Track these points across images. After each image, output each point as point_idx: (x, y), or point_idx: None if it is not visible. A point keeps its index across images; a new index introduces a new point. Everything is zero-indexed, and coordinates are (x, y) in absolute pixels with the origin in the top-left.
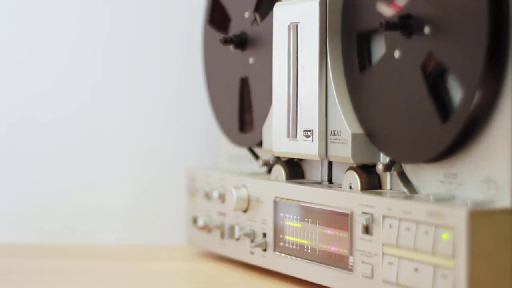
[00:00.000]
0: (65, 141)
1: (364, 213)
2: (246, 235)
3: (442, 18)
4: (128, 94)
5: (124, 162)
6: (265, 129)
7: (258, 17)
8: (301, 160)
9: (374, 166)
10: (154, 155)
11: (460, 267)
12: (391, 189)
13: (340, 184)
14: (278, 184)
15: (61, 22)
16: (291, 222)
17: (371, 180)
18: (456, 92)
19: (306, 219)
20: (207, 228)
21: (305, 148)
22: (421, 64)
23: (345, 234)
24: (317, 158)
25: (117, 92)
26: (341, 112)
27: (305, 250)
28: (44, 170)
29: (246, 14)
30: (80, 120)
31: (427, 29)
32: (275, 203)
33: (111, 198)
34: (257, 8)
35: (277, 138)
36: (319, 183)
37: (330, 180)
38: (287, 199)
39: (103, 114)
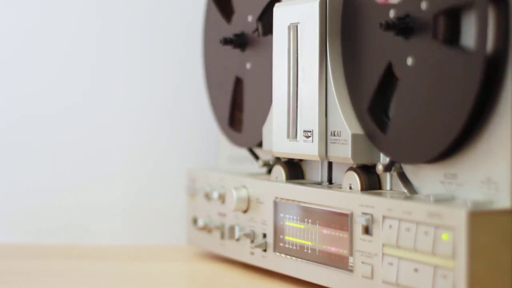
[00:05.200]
0: (64, 141)
1: (364, 213)
2: (246, 235)
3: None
4: (127, 94)
5: (124, 162)
6: (265, 129)
7: (260, 28)
8: (301, 160)
9: (374, 166)
10: (154, 155)
11: (460, 267)
12: (391, 189)
13: (340, 185)
14: (278, 184)
15: (58, 19)
16: (291, 223)
17: (371, 181)
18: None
19: (306, 220)
20: (207, 229)
21: (305, 149)
22: (432, 35)
23: (345, 235)
24: (317, 158)
25: (116, 92)
26: (341, 113)
27: (305, 250)
28: (43, 170)
29: (250, 18)
30: (78, 120)
31: (423, 5)
32: (275, 203)
33: (111, 198)
34: (261, 18)
35: (277, 138)
36: (319, 184)
37: (330, 181)
38: (287, 200)
39: (102, 114)
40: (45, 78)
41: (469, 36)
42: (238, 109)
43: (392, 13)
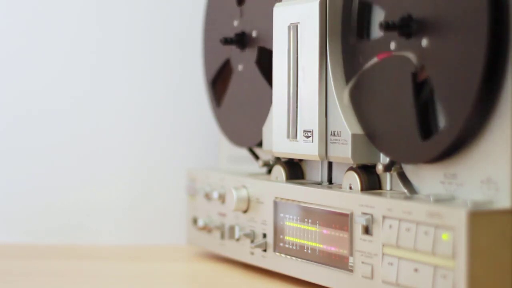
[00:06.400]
0: (64, 141)
1: (364, 213)
2: (246, 235)
3: (441, 36)
4: (127, 94)
5: (124, 162)
6: (265, 129)
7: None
8: (301, 160)
9: (374, 166)
10: (154, 155)
11: (460, 267)
12: (391, 189)
13: (340, 185)
14: (278, 184)
15: (58, 19)
16: (291, 223)
17: (371, 181)
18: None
19: (306, 220)
20: (207, 229)
21: (305, 149)
22: (412, 73)
23: (345, 235)
24: (317, 158)
25: (116, 92)
26: (341, 113)
27: (305, 250)
28: (43, 170)
29: (235, 23)
30: (78, 120)
31: (424, 42)
32: (275, 203)
33: (111, 198)
34: (240, 2)
35: (277, 138)
36: (319, 184)
37: (330, 181)
38: (287, 200)
39: (102, 114)
40: (45, 78)
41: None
42: (222, 82)
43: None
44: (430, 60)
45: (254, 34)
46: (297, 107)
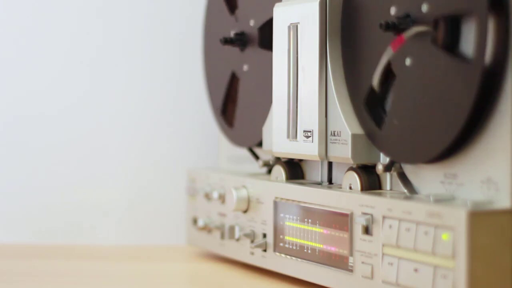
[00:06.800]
0: (64, 141)
1: (364, 213)
2: (246, 235)
3: None
4: (127, 93)
5: (124, 162)
6: (265, 129)
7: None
8: (301, 160)
9: (374, 166)
10: (154, 155)
11: (460, 267)
12: (391, 189)
13: (340, 185)
14: (278, 184)
15: (58, 19)
16: (291, 223)
17: (371, 181)
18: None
19: (306, 220)
20: (207, 229)
21: (305, 149)
22: (431, 40)
23: (345, 235)
24: (317, 158)
25: (115, 91)
26: (341, 113)
27: (305, 250)
28: (43, 170)
29: (232, 32)
30: (78, 120)
31: (424, 7)
32: (275, 203)
33: (111, 198)
34: (232, 11)
35: (277, 138)
36: (319, 184)
37: (330, 181)
38: (287, 200)
39: (101, 114)
40: (45, 78)
41: (468, 41)
42: (231, 103)
43: (392, 12)
44: (438, 9)
45: (251, 23)
46: (297, 107)
